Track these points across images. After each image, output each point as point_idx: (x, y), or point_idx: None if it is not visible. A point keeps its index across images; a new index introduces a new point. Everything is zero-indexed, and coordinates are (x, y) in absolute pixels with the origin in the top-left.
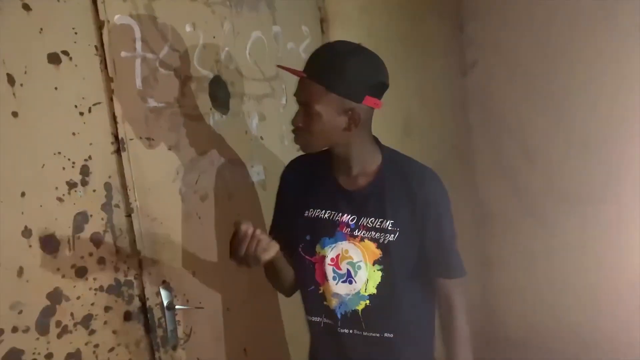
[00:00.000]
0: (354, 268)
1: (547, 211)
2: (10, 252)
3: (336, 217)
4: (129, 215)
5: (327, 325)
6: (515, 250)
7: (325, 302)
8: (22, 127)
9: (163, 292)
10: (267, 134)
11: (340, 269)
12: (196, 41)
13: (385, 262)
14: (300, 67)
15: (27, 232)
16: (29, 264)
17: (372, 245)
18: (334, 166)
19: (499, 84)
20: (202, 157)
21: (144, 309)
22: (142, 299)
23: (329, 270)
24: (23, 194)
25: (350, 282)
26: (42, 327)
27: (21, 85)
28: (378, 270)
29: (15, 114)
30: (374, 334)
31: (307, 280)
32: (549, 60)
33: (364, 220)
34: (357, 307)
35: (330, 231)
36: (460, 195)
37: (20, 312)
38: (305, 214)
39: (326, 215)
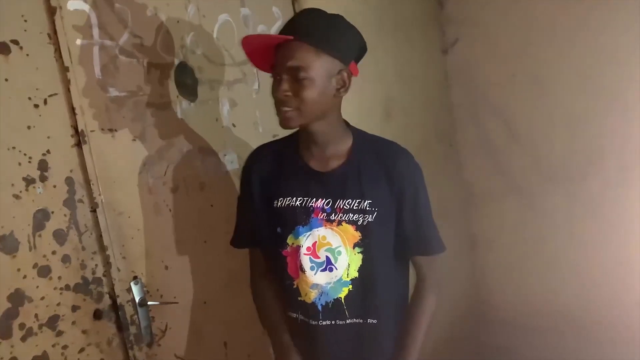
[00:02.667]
0: (334, 254)
1: (532, 189)
2: None
3: (309, 203)
4: (94, 210)
5: (302, 322)
6: (501, 230)
7: (300, 298)
8: None
9: (134, 288)
10: (240, 121)
11: (318, 257)
12: (158, 26)
13: (365, 243)
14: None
15: None
16: None
17: (350, 228)
18: (304, 149)
19: (480, 62)
20: (171, 147)
21: (115, 307)
22: (112, 296)
23: (306, 260)
24: None
25: (331, 270)
26: (4, 331)
27: None
28: (359, 252)
29: None
30: (357, 320)
31: (283, 276)
32: (531, 37)
33: (340, 203)
34: (339, 295)
35: (304, 219)
36: (445, 176)
37: None
38: (275, 205)
39: (298, 203)
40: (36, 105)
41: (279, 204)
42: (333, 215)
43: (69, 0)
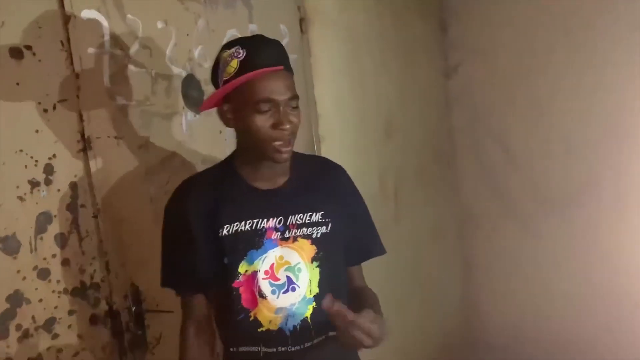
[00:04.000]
0: (294, 272)
1: (528, 213)
2: None
3: (261, 224)
4: (95, 216)
5: (267, 354)
6: (496, 253)
7: (261, 329)
8: None
9: (131, 296)
10: None
11: (278, 279)
12: (168, 38)
13: (321, 256)
14: None
15: None
16: None
17: (306, 243)
18: (250, 170)
19: (482, 86)
20: (174, 157)
21: (111, 313)
22: (109, 302)
23: (265, 285)
24: None
25: (294, 289)
26: (1, 331)
27: None
28: (316, 267)
29: None
30: (321, 338)
31: (234, 311)
32: (532, 64)
33: (292, 219)
34: (306, 315)
35: (257, 242)
36: (442, 197)
37: None
38: (220, 234)
39: (247, 227)
40: (45, 110)
41: (225, 232)
42: (287, 232)
43: (83, 10)
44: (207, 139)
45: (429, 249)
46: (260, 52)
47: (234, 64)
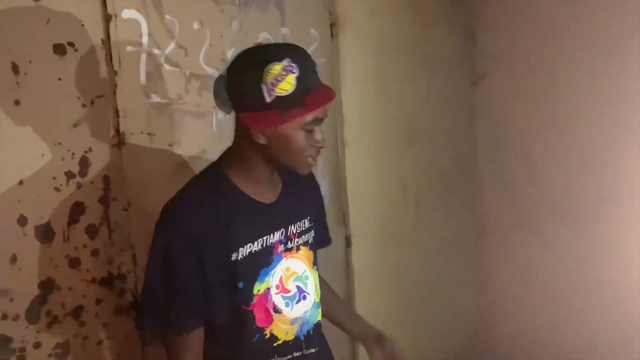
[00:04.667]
0: (302, 281)
1: (546, 227)
2: (5, 240)
3: (269, 241)
4: (125, 209)
5: None
6: (511, 264)
7: (277, 343)
8: (24, 116)
9: None
10: None
11: (288, 291)
12: (203, 39)
13: (315, 259)
14: None
15: (22, 220)
16: (23, 252)
17: (306, 250)
18: (251, 184)
19: (507, 97)
20: (203, 155)
21: (136, 304)
22: (134, 293)
23: (278, 299)
24: (21, 182)
25: (305, 297)
26: (32, 316)
27: (25, 74)
28: (316, 270)
29: (17, 102)
30: (322, 338)
31: (247, 334)
32: (558, 76)
33: (291, 229)
34: (318, 319)
35: (267, 260)
36: (462, 207)
37: (12, 299)
38: (234, 259)
39: (259, 247)
40: (84, 105)
41: (240, 255)
42: (289, 243)
43: (124, 9)
44: None
45: (445, 258)
46: (309, 68)
47: (291, 80)
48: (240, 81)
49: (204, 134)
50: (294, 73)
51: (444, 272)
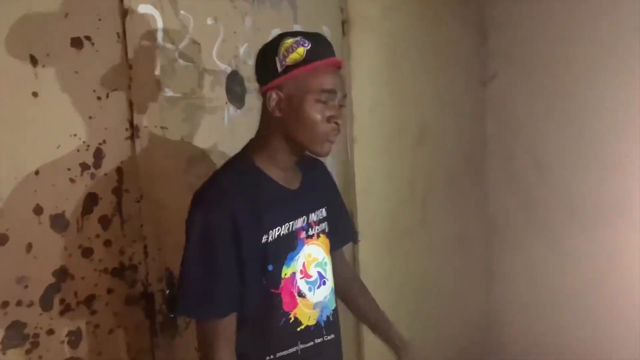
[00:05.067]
0: (323, 267)
1: (555, 228)
2: (21, 228)
3: (294, 226)
4: (138, 201)
5: (305, 350)
6: (520, 265)
7: (300, 327)
8: (41, 108)
9: (165, 279)
10: None
11: (310, 276)
12: (216, 35)
13: (331, 248)
14: None
15: (38, 210)
16: (38, 240)
17: (324, 237)
18: (278, 170)
19: (518, 97)
20: (215, 149)
21: (146, 294)
22: (145, 284)
23: (302, 284)
24: (37, 173)
25: (324, 283)
26: (46, 303)
27: (43, 66)
28: (331, 258)
29: (35, 94)
30: (338, 324)
31: (275, 317)
32: (569, 77)
33: (312, 217)
34: (335, 304)
35: (293, 244)
36: (470, 205)
37: (26, 286)
38: (264, 241)
39: (286, 230)
40: (99, 98)
41: (270, 238)
42: (310, 230)
43: (140, 4)
44: (247, 133)
45: (453, 256)
46: (324, 44)
47: (301, 51)
48: (260, 58)
49: (216, 129)
50: (304, 46)
51: (452, 270)
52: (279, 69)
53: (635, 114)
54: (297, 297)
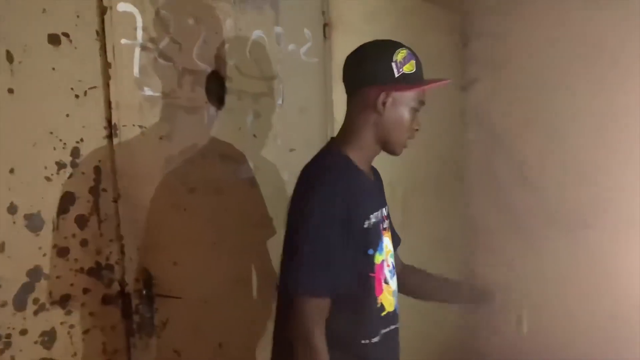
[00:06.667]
0: (393, 258)
1: (534, 232)
2: None
3: (380, 216)
4: (115, 201)
5: (384, 335)
6: (500, 268)
7: (384, 313)
8: (17, 105)
9: (143, 279)
10: (261, 133)
11: (389, 265)
12: (197, 35)
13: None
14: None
15: (12, 209)
16: (12, 240)
17: (388, 233)
18: (364, 163)
19: (498, 102)
20: (194, 149)
21: (123, 294)
22: (122, 284)
23: (387, 271)
24: (12, 171)
25: (394, 274)
26: (20, 303)
27: (19, 62)
28: None
29: (11, 91)
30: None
31: (369, 301)
32: (549, 83)
33: (384, 211)
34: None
35: (380, 233)
36: (451, 209)
37: (0, 286)
38: (365, 226)
39: (379, 217)
40: (77, 96)
41: (370, 223)
42: (384, 223)
43: (119, 2)
44: (226, 134)
45: (433, 260)
46: (418, 63)
47: (413, 64)
48: (373, 60)
49: (196, 128)
50: (414, 60)
51: (432, 272)
52: (396, 74)
53: (612, 119)
54: (384, 284)
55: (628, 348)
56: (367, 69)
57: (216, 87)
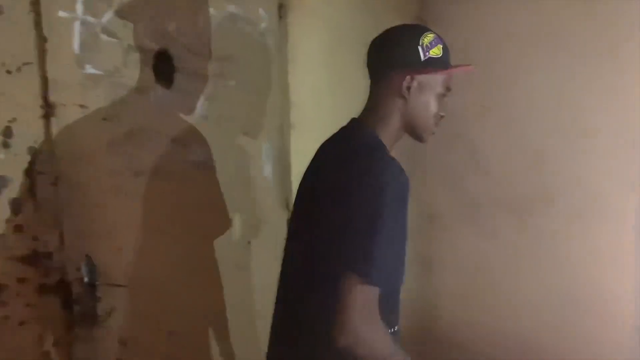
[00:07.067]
0: None
1: (488, 217)
2: None
3: None
4: (54, 184)
5: (395, 332)
6: (454, 254)
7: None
8: None
9: (85, 267)
10: (213, 115)
11: None
12: (144, 11)
13: None
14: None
15: None
16: None
17: None
18: (391, 146)
19: (454, 90)
20: (140, 131)
21: (62, 283)
22: (62, 272)
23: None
24: None
25: None
26: None
27: None
28: None
29: None
30: None
31: (399, 291)
32: (506, 71)
33: None
34: None
35: None
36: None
37: None
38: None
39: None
40: (9, 72)
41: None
42: None
43: None
44: (175, 116)
45: None
46: (446, 49)
47: (440, 48)
48: (399, 44)
49: (142, 109)
50: (441, 44)
51: None
52: (422, 58)
53: (565, 107)
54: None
55: (575, 325)
56: (393, 53)
57: (165, 66)
